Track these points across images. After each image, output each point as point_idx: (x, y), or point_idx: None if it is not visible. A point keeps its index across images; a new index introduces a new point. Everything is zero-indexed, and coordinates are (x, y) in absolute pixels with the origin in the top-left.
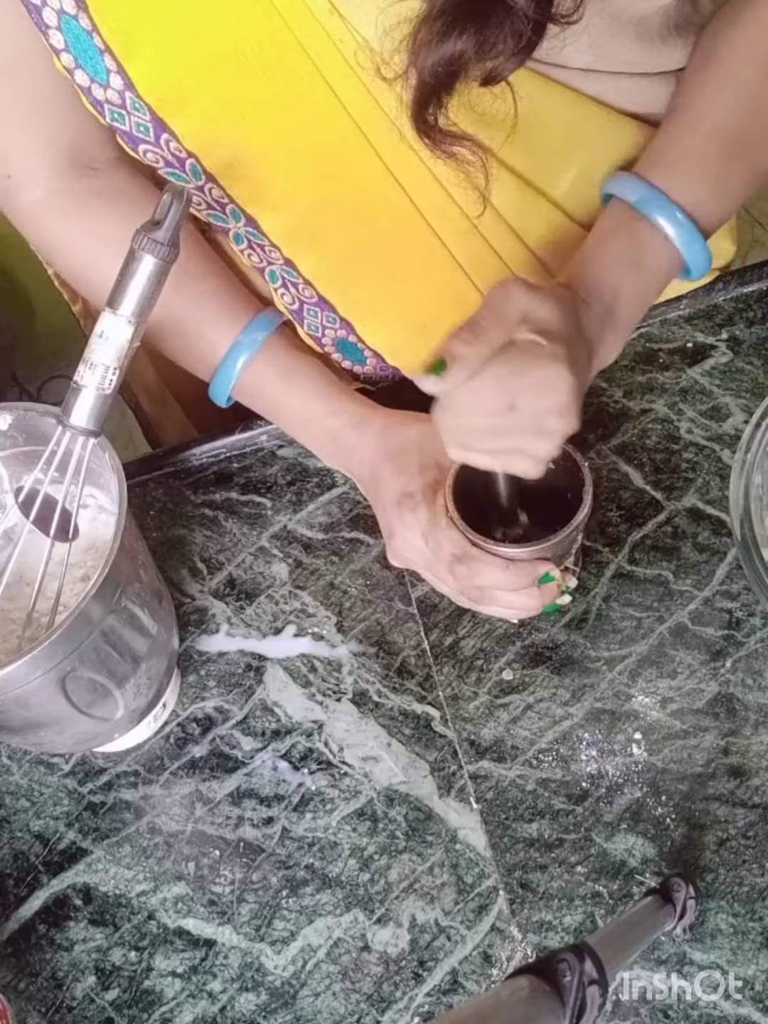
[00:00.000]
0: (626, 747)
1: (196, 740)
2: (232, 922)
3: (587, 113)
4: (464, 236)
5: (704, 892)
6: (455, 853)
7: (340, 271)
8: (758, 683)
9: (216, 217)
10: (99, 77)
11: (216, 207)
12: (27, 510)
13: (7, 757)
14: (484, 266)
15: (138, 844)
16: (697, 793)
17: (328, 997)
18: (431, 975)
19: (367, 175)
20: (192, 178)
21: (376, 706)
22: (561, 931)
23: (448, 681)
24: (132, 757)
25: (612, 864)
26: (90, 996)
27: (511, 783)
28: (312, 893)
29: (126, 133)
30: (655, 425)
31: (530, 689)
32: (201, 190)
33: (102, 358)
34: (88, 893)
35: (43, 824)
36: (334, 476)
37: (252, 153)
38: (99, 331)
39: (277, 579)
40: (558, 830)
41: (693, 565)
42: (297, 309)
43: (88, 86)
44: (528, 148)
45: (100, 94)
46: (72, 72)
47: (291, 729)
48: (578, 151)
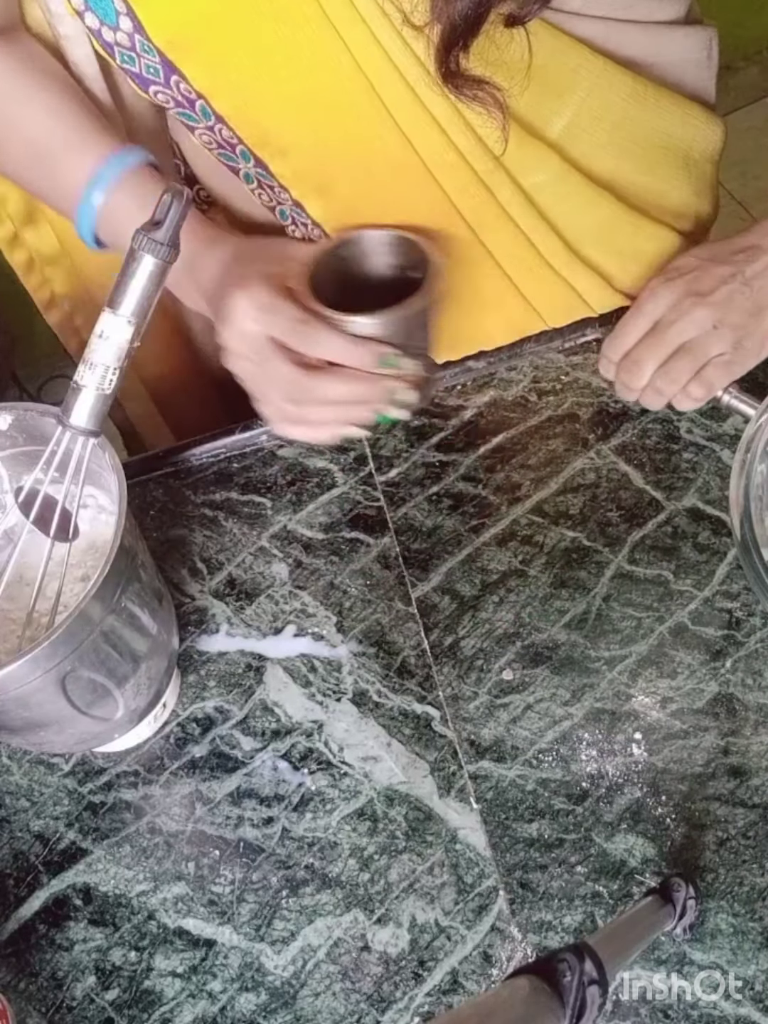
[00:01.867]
0: (626, 747)
1: (196, 740)
2: (232, 922)
3: (580, 57)
4: (464, 183)
5: (704, 892)
6: (455, 853)
7: (348, 217)
8: (758, 683)
9: (226, 156)
10: (108, 19)
11: (226, 147)
12: (27, 510)
13: (7, 757)
14: (481, 211)
15: (138, 844)
16: (697, 793)
17: (328, 997)
18: (431, 975)
19: (372, 124)
20: (202, 118)
21: (376, 706)
22: (561, 931)
23: (448, 681)
24: (132, 757)
25: (612, 864)
26: (90, 996)
27: (511, 783)
28: (312, 893)
29: (136, 75)
30: (655, 425)
31: (530, 689)
32: (211, 129)
33: (102, 358)
34: (88, 893)
35: (43, 824)
36: (334, 476)
37: (260, 97)
38: (99, 331)
39: (277, 579)
40: (558, 830)
41: (693, 565)
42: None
43: (98, 28)
44: (526, 90)
45: (110, 36)
46: (82, 15)
47: (291, 729)
48: (572, 95)
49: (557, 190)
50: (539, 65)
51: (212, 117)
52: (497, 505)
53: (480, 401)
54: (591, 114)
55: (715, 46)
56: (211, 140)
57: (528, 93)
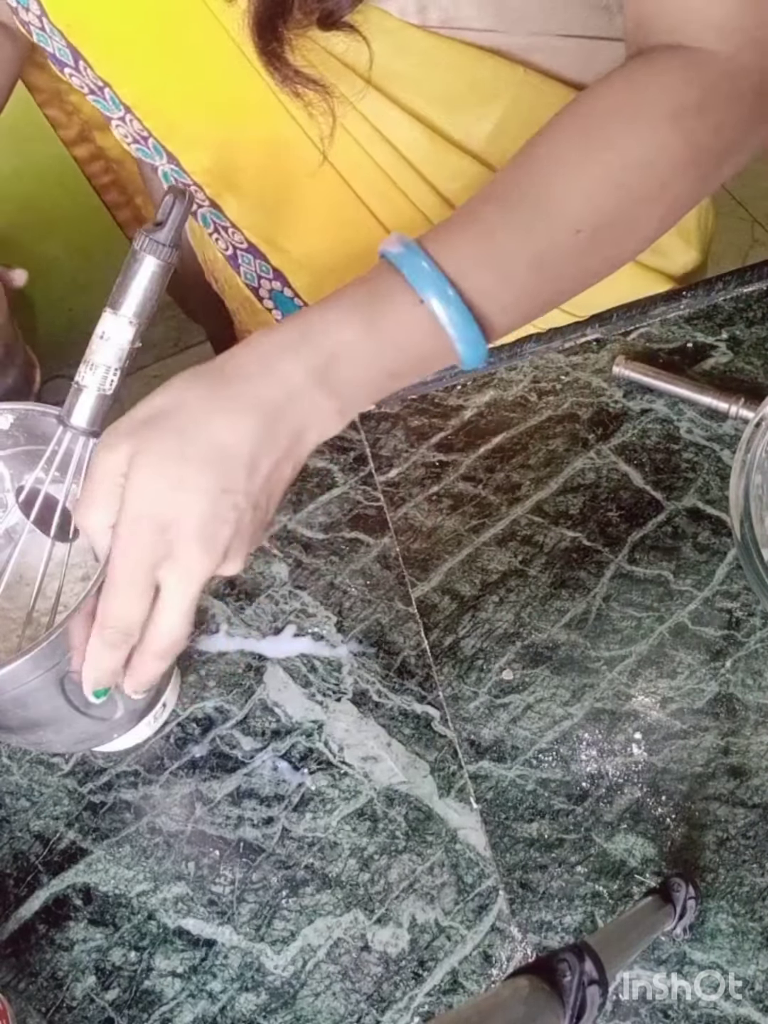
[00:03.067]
0: (626, 747)
1: (196, 740)
2: (232, 922)
3: (492, 71)
4: (376, 188)
5: (704, 892)
6: (455, 853)
7: (263, 216)
8: (758, 683)
9: (143, 152)
10: (21, 1)
11: (140, 140)
12: (28, 510)
13: (7, 757)
14: (400, 217)
15: (138, 844)
16: (697, 793)
17: (328, 997)
18: (431, 975)
19: (265, 110)
20: (113, 107)
21: (376, 706)
22: (561, 931)
23: (448, 681)
24: (132, 757)
25: (612, 864)
26: (90, 996)
27: (511, 783)
28: (312, 893)
29: (51, 55)
30: (655, 425)
31: (530, 689)
32: (123, 120)
33: (103, 359)
34: (88, 893)
35: (43, 824)
36: (334, 476)
37: (161, 87)
38: (100, 332)
39: (277, 579)
40: (558, 830)
41: (693, 565)
42: (231, 255)
43: (15, 6)
44: (433, 100)
45: (24, 16)
46: None
47: (291, 729)
48: (490, 104)
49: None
50: (441, 77)
51: (121, 107)
52: (497, 505)
53: (480, 401)
54: (519, 121)
55: None
56: (126, 133)
57: (439, 102)
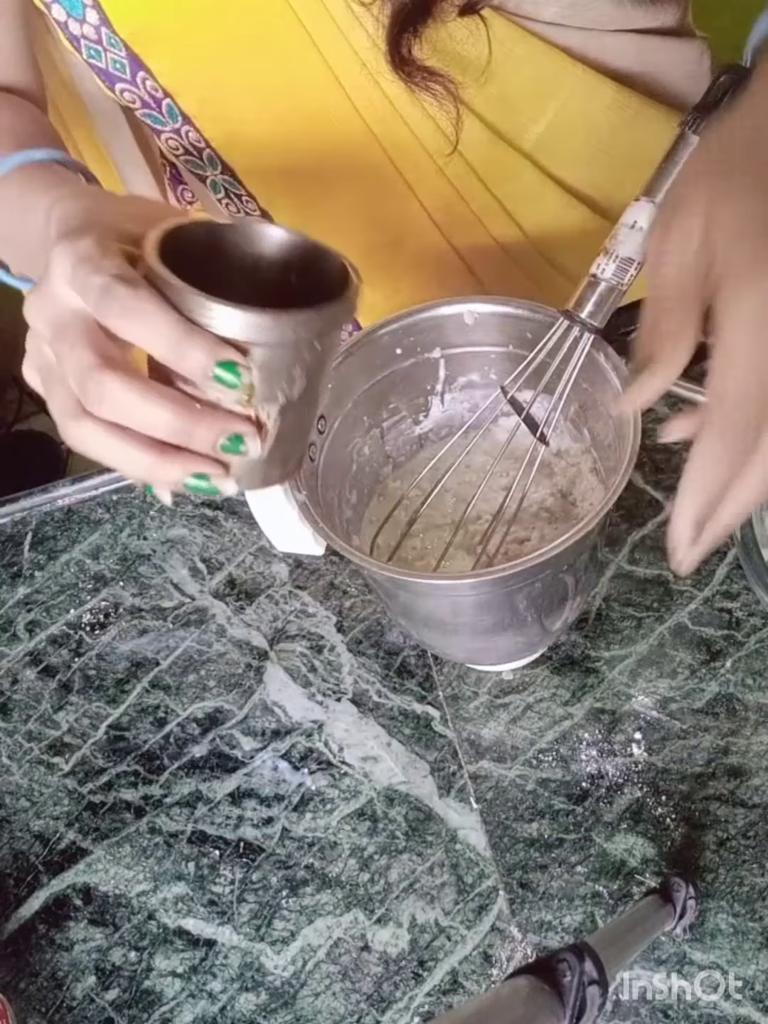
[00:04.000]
0: (626, 747)
1: (196, 740)
2: (232, 922)
3: (557, 66)
4: (432, 182)
5: (704, 892)
6: (455, 853)
7: (316, 223)
8: (758, 683)
9: (193, 164)
10: (75, 12)
11: (193, 152)
12: (517, 409)
13: (7, 757)
14: (452, 215)
15: (138, 844)
16: (697, 793)
17: (328, 997)
18: (431, 975)
19: (337, 118)
20: (168, 119)
21: (376, 706)
22: (561, 931)
23: (448, 681)
24: (132, 757)
25: (612, 864)
26: (90, 996)
27: (511, 783)
28: (312, 893)
29: (102, 71)
30: (655, 425)
31: (530, 689)
32: (178, 132)
33: (629, 251)
34: (88, 893)
35: (43, 824)
36: None
37: (226, 93)
38: (630, 220)
39: (277, 579)
40: (558, 830)
41: None
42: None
43: (64, 20)
44: (498, 95)
45: (76, 29)
46: (49, 7)
47: (291, 729)
48: (547, 103)
49: (531, 199)
50: (511, 71)
51: (179, 118)
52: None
53: None
54: (569, 122)
55: (707, 59)
56: (178, 145)
57: (502, 100)
